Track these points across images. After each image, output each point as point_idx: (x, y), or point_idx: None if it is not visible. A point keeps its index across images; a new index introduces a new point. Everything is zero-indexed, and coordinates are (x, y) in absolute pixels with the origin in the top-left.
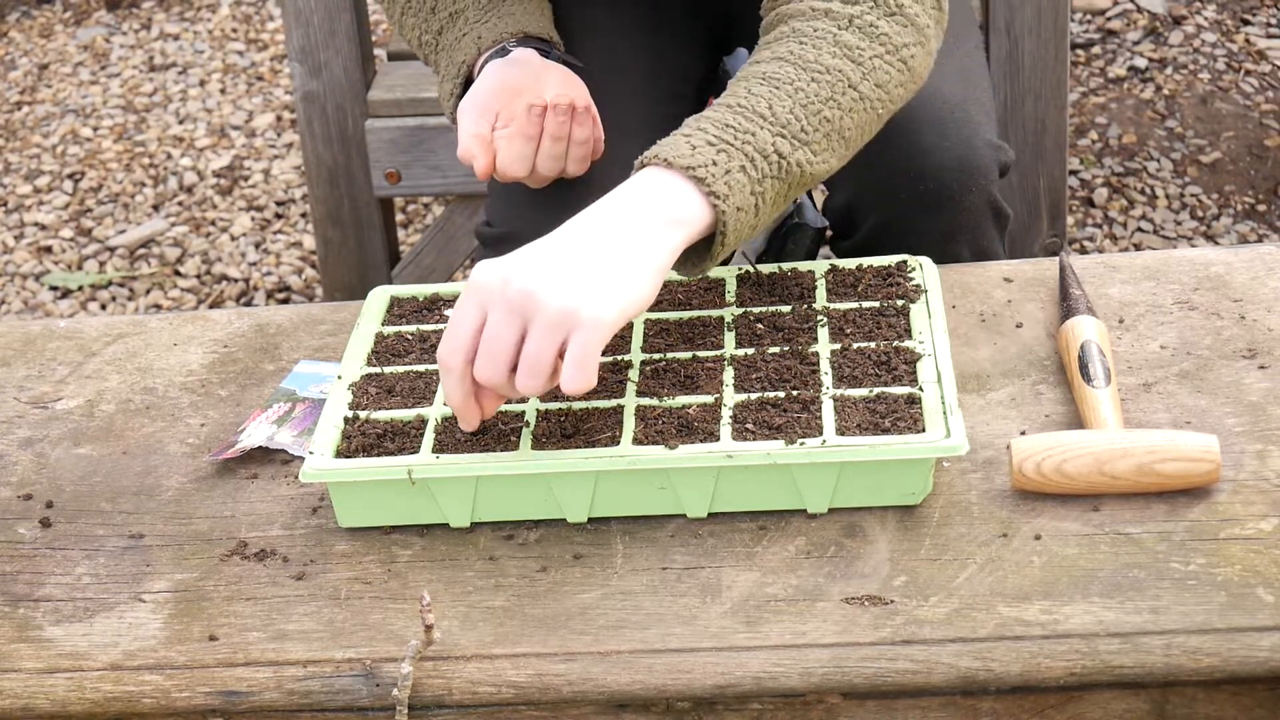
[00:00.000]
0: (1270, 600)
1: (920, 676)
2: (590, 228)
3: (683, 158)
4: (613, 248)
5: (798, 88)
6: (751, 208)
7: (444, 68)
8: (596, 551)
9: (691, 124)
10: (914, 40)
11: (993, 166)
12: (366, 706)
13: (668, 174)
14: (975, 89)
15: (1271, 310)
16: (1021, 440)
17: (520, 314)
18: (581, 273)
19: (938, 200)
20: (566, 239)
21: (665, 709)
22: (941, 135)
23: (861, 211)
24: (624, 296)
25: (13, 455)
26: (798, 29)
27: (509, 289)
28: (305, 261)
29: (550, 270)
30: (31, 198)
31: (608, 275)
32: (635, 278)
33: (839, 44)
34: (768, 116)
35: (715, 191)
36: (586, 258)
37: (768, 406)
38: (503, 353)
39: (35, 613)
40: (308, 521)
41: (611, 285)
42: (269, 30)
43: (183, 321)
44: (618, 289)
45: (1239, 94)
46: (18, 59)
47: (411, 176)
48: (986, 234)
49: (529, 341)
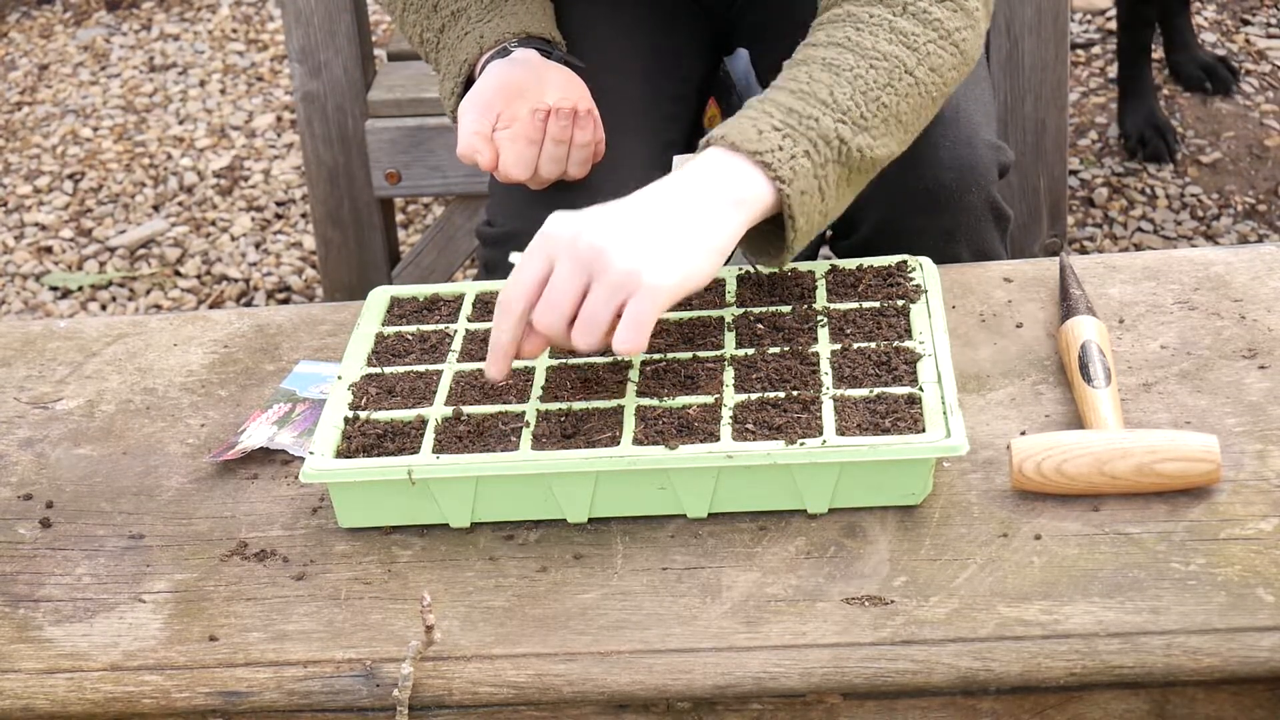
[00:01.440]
0: (1270, 600)
1: (920, 677)
2: (661, 199)
3: (749, 142)
4: (681, 221)
5: (857, 74)
6: (816, 191)
7: (445, 66)
8: (596, 552)
9: (756, 106)
10: (965, 24)
11: (992, 167)
12: (367, 707)
13: (734, 156)
14: (975, 89)
15: (1272, 310)
16: (1021, 440)
17: (587, 269)
18: (649, 239)
19: (937, 200)
20: (638, 206)
21: (665, 709)
22: (941, 135)
23: (861, 211)
24: (686, 268)
25: (13, 455)
26: (853, 14)
27: (579, 243)
28: (305, 262)
29: (621, 232)
30: (32, 198)
31: (673, 246)
32: (699, 252)
33: (894, 30)
34: (829, 102)
35: (780, 176)
36: (656, 226)
37: (768, 407)
38: (565, 303)
39: (35, 613)
40: (308, 522)
41: (676, 256)
42: (269, 31)
43: (183, 322)
44: (681, 260)
45: (1239, 94)
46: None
47: (411, 177)
48: (987, 234)
49: (590, 297)
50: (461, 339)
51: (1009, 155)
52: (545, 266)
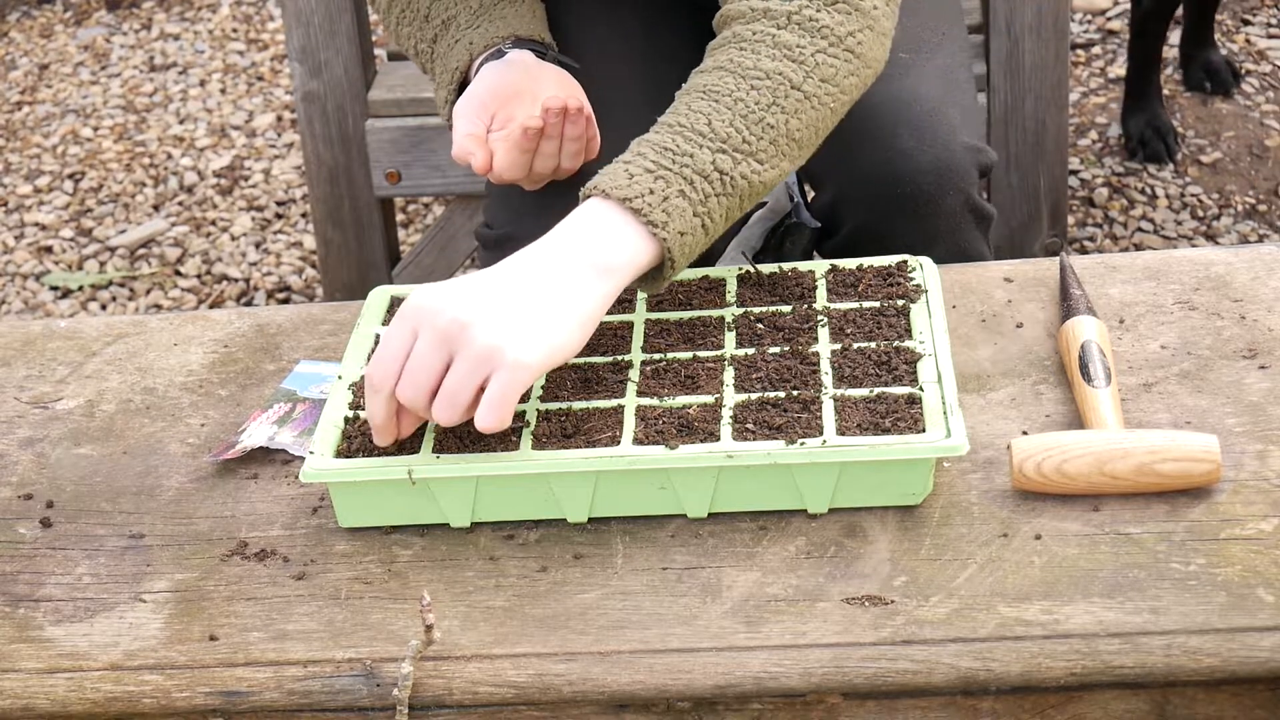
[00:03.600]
0: (1270, 600)
1: (920, 676)
2: (530, 270)
3: (620, 189)
4: (546, 294)
5: (737, 98)
6: (697, 229)
7: (439, 75)
8: (597, 551)
9: (634, 148)
10: (860, 26)
11: (971, 169)
12: (367, 706)
13: (607, 207)
14: (955, 90)
15: (1272, 310)
16: (1022, 440)
17: (448, 344)
18: (514, 315)
19: (915, 204)
20: (505, 278)
21: (666, 709)
22: (919, 139)
23: (842, 214)
24: (551, 342)
25: (13, 455)
26: (738, 33)
27: (441, 317)
28: (305, 261)
29: (484, 306)
30: (32, 198)
31: (538, 321)
32: (565, 325)
33: (778, 45)
34: (706, 134)
35: (653, 220)
36: (521, 300)
37: (768, 406)
38: (426, 379)
39: (35, 613)
40: (308, 521)
41: (541, 330)
42: (269, 30)
43: (183, 321)
44: (545, 336)
45: (1239, 94)
46: (18, 59)
47: (412, 176)
48: (968, 236)
49: (451, 373)
50: None
51: (990, 156)
52: (410, 340)
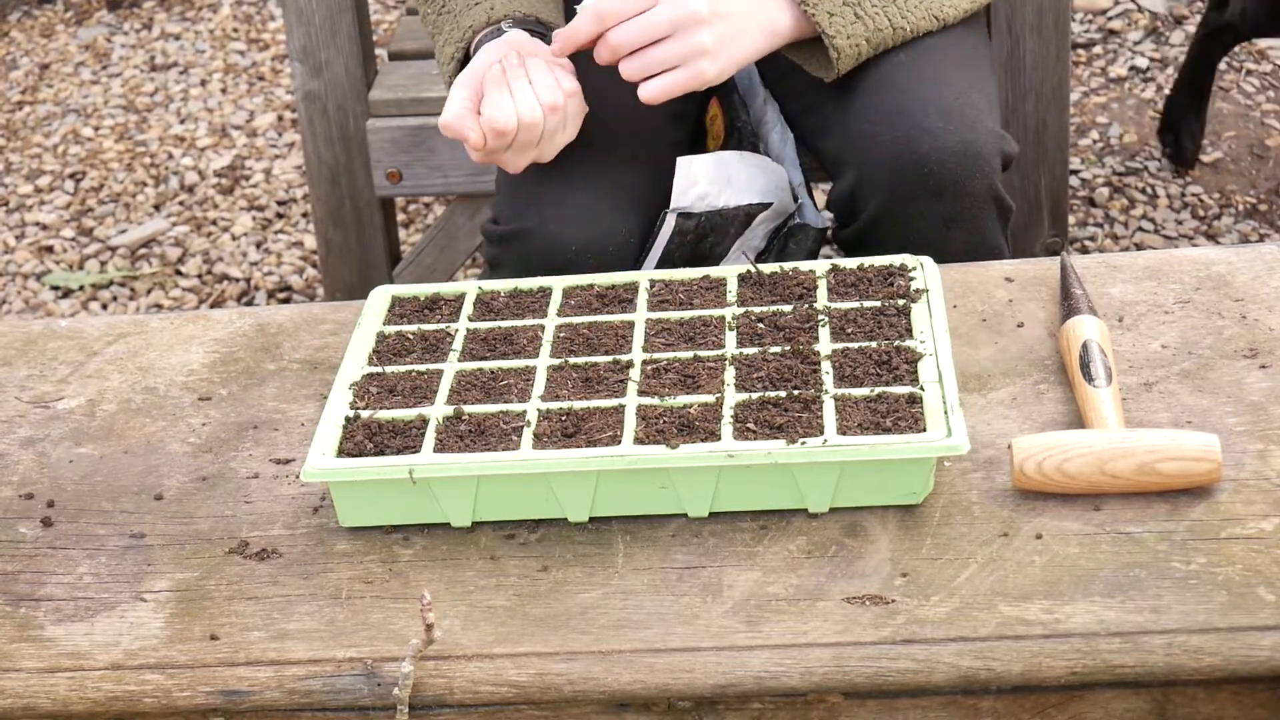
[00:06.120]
0: (1271, 600)
1: (921, 676)
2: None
3: None
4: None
5: None
6: (849, 14)
7: (447, 31)
8: (597, 551)
9: None
10: None
11: (996, 155)
12: (367, 706)
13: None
14: (979, 77)
15: (1273, 310)
16: (1022, 440)
17: (675, 25)
18: (729, 33)
19: (940, 185)
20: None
21: (666, 708)
22: (945, 120)
23: (864, 197)
24: (732, 70)
25: (14, 455)
26: None
27: (688, 4)
28: (306, 261)
29: (720, 15)
30: (33, 197)
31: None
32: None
33: None
34: None
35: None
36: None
37: (769, 406)
38: (643, 37)
39: (36, 612)
40: (309, 521)
41: (736, 60)
42: (270, 30)
43: (184, 321)
44: (733, 64)
45: (1240, 94)
46: (19, 59)
47: (413, 176)
48: (988, 224)
49: (661, 46)
50: (462, 338)
51: (1013, 145)
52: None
